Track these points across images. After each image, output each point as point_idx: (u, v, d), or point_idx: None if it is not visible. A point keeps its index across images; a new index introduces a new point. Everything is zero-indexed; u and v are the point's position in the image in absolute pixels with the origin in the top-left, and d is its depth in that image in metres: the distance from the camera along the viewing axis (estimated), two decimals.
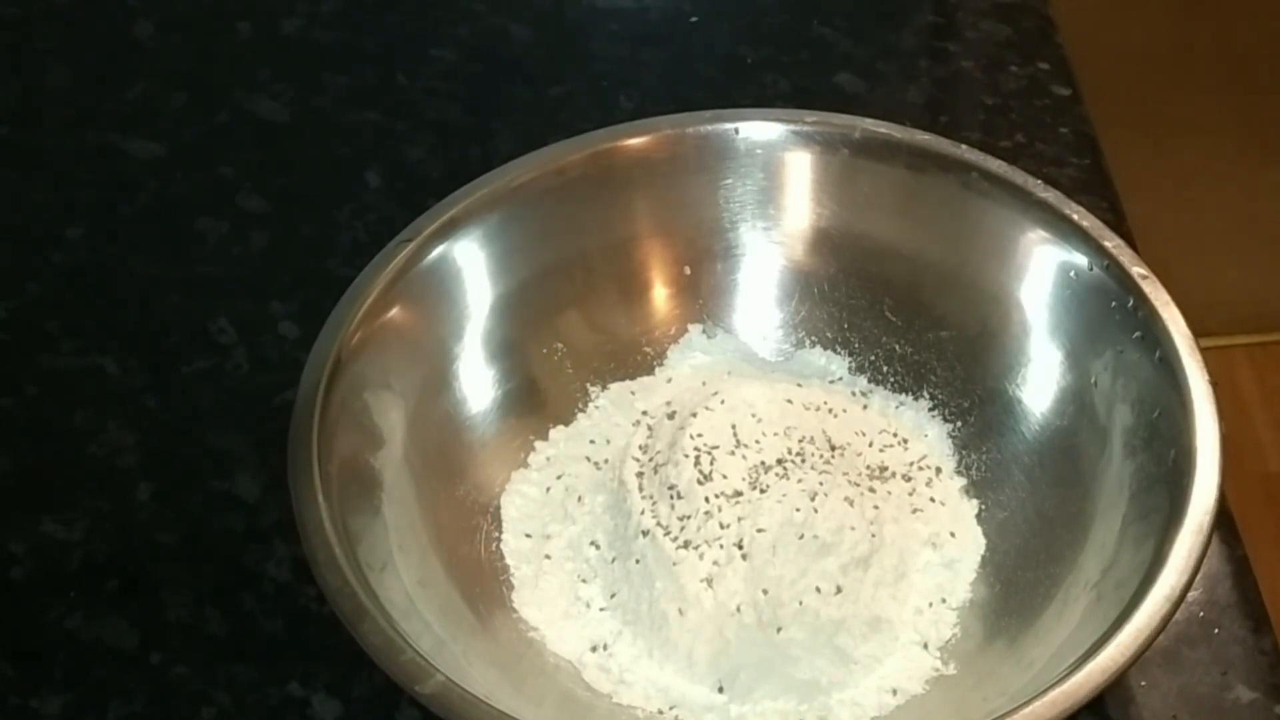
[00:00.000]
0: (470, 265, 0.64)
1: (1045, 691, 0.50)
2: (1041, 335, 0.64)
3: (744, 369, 0.67)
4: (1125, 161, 0.81)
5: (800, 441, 0.61)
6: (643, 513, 0.59)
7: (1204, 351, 0.58)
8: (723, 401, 0.62)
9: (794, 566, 0.57)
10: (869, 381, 0.67)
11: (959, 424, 0.65)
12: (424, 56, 0.84)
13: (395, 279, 0.62)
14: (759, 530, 0.57)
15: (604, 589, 0.60)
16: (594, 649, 0.59)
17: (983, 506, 0.63)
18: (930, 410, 0.65)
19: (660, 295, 0.68)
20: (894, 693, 0.57)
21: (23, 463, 0.67)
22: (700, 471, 0.59)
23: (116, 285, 0.74)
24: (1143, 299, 0.60)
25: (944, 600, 0.59)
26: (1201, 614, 0.61)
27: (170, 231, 0.76)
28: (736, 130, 0.67)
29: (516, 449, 0.64)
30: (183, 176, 0.79)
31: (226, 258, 0.75)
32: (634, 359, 0.67)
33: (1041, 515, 0.61)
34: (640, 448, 0.61)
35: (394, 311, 0.62)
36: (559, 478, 0.63)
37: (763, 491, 0.59)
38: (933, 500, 0.62)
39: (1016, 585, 0.60)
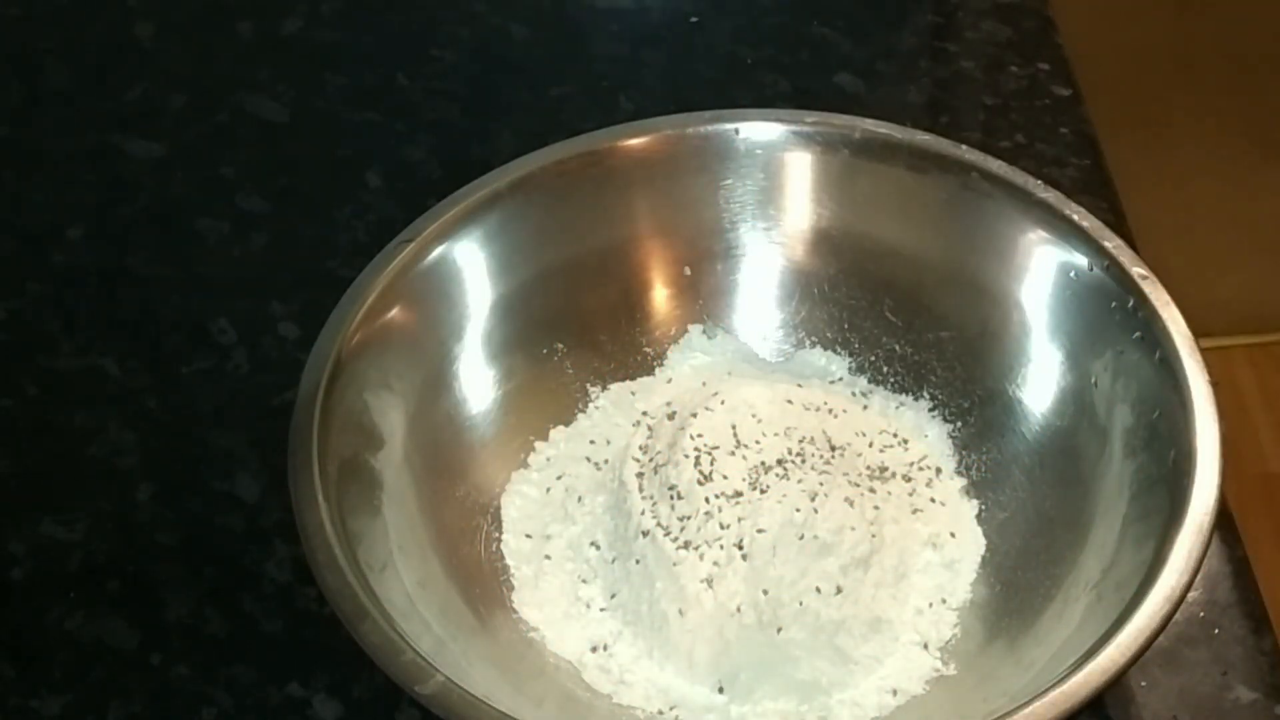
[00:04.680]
0: (470, 265, 0.64)
1: (1045, 692, 0.50)
2: (1041, 335, 0.64)
3: (744, 369, 0.67)
4: (1125, 161, 0.81)
5: (800, 442, 0.61)
6: (643, 513, 0.59)
7: (1204, 352, 0.58)
8: (723, 402, 0.62)
9: (794, 567, 0.57)
10: (869, 382, 0.67)
11: (959, 424, 0.65)
12: (424, 56, 0.84)
13: (395, 279, 0.62)
14: (759, 531, 0.57)
15: (604, 589, 0.60)
16: (594, 649, 0.59)
17: (983, 507, 0.63)
18: (930, 410, 0.65)
19: (660, 295, 0.68)
20: (894, 693, 0.57)
21: (23, 463, 0.67)
22: (700, 472, 0.59)
23: (116, 285, 0.74)
24: (1143, 299, 0.60)
25: (944, 600, 0.59)
26: (1201, 614, 0.61)
27: (170, 231, 0.76)
28: (736, 130, 0.67)
29: (516, 449, 0.64)
30: (183, 176, 0.79)
31: (226, 258, 0.75)
32: (634, 359, 0.67)
33: (1041, 515, 0.61)
34: (640, 448, 0.61)
35: (394, 311, 0.62)
36: (559, 478, 0.63)
37: (763, 492, 0.59)
38: (933, 500, 0.62)
39: (1016, 585, 0.60)
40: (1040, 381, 0.63)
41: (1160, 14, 1.45)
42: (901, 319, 0.67)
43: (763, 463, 0.60)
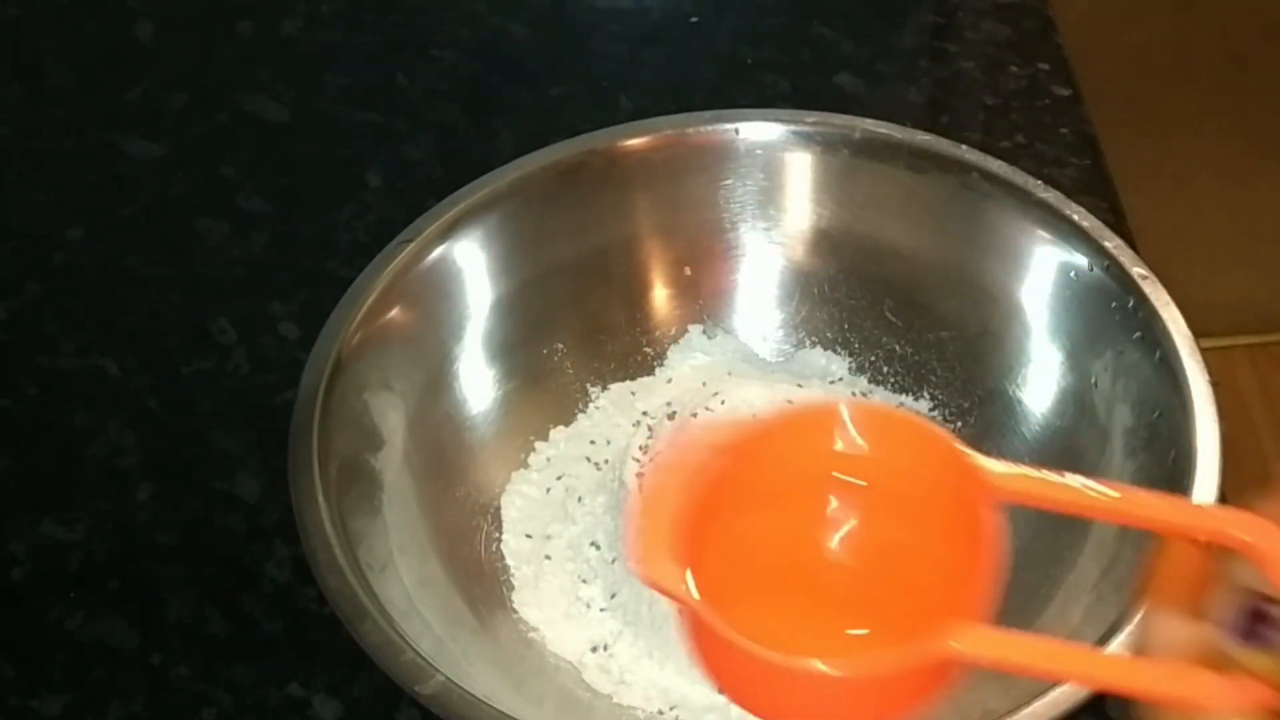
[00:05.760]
0: (470, 265, 0.64)
1: (1045, 692, 0.50)
2: (1042, 336, 0.64)
3: (744, 369, 0.67)
4: (1125, 161, 0.81)
5: None
6: None
7: (1204, 352, 0.58)
8: (723, 402, 0.62)
9: None
10: (869, 382, 0.67)
11: (959, 424, 0.65)
12: (424, 56, 0.84)
13: (395, 279, 0.62)
14: None
15: (604, 589, 0.60)
16: (594, 649, 0.59)
17: None
18: (930, 410, 0.65)
19: (660, 295, 0.68)
20: None
21: (23, 463, 0.67)
22: None
23: (116, 285, 0.74)
24: (1143, 299, 0.60)
25: None
26: None
27: (170, 231, 0.76)
28: (736, 131, 0.67)
29: (516, 449, 0.64)
30: (183, 176, 0.79)
31: (226, 258, 0.75)
32: (634, 359, 0.67)
33: (1041, 516, 0.61)
34: (641, 448, 0.61)
35: (394, 312, 0.62)
36: (559, 478, 0.63)
37: None
38: None
39: (1016, 586, 0.59)
40: (1040, 381, 0.63)
41: (1160, 14, 1.45)
42: (901, 319, 0.67)
43: None
